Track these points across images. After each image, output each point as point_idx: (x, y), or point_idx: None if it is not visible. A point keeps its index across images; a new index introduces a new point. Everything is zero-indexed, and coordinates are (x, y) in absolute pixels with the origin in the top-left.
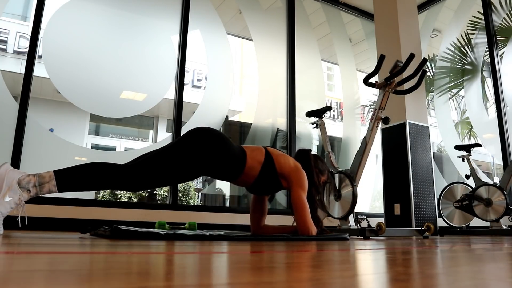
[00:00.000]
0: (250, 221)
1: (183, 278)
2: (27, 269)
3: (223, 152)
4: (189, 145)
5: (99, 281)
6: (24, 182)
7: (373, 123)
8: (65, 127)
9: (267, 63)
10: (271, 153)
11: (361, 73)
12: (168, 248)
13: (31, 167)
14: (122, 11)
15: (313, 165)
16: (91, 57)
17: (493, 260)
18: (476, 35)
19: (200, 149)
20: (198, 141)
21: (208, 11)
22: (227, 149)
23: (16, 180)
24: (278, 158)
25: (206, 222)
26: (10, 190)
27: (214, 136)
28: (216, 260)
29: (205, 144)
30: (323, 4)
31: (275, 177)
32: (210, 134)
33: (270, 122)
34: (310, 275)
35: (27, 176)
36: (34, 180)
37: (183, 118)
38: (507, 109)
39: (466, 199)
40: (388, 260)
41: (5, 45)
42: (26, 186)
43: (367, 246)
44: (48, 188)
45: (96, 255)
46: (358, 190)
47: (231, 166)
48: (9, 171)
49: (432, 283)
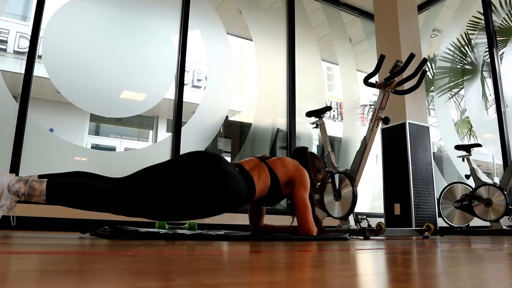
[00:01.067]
0: (249, 224)
1: (183, 278)
2: (26, 269)
3: (234, 203)
4: (197, 196)
5: (99, 281)
6: (14, 188)
7: (373, 123)
8: (65, 127)
9: (267, 63)
10: (274, 169)
11: (361, 73)
12: (168, 248)
13: (31, 167)
14: (122, 11)
15: (310, 164)
16: (91, 57)
17: (493, 260)
18: (476, 35)
19: (211, 204)
20: (208, 196)
21: (208, 11)
22: (236, 199)
23: (6, 186)
24: (279, 169)
25: (206, 222)
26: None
27: (223, 188)
28: (215, 260)
29: (216, 200)
30: (323, 4)
31: (279, 193)
32: (224, 194)
33: (270, 122)
34: (310, 275)
35: (16, 182)
36: (24, 189)
37: (183, 118)
38: (507, 109)
39: (466, 199)
40: (388, 260)
41: (5, 45)
42: (15, 193)
43: (367, 246)
44: (37, 200)
45: (96, 255)
46: (358, 190)
47: (241, 205)
48: None
49: (432, 283)
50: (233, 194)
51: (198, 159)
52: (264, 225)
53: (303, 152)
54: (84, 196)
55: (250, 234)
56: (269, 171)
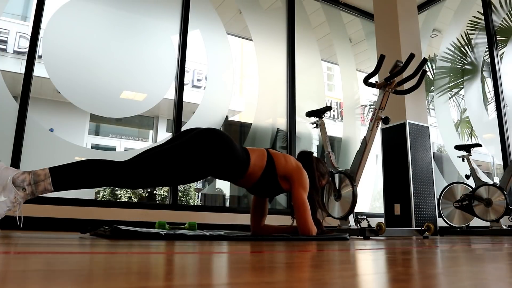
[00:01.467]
0: (250, 221)
1: (183, 278)
2: (26, 269)
3: (228, 156)
4: (195, 147)
5: (99, 281)
6: (19, 180)
7: (373, 123)
8: (65, 127)
9: (267, 63)
10: (273, 156)
11: (361, 73)
12: (168, 248)
13: (31, 167)
14: (122, 11)
15: (315, 168)
16: (91, 57)
17: (493, 260)
18: (476, 35)
19: (206, 152)
20: (205, 144)
21: (208, 11)
22: (232, 153)
23: (10, 179)
24: (280, 160)
25: (206, 222)
26: (5, 189)
27: (221, 138)
28: (216, 260)
29: (212, 147)
30: (323, 4)
31: (275, 182)
32: (217, 136)
33: (270, 122)
34: (311, 275)
35: (21, 174)
36: (29, 178)
37: (183, 118)
38: (507, 109)
39: (466, 199)
40: (388, 260)
41: (5, 45)
42: (21, 185)
43: (367, 246)
44: (44, 187)
45: (96, 255)
46: (358, 190)
47: (233, 170)
48: (2, 169)
49: (432, 283)
50: (231, 144)
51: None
52: (264, 225)
53: (308, 156)
54: (88, 171)
55: (251, 234)
56: (267, 157)
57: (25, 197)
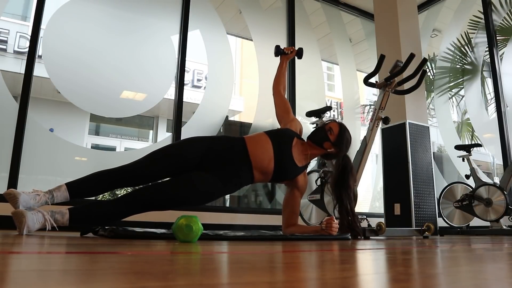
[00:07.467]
0: (282, 217)
1: (183, 278)
2: (26, 269)
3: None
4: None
5: (99, 281)
6: (35, 228)
7: (373, 123)
8: (65, 127)
9: (267, 63)
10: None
11: (361, 73)
12: (168, 248)
13: (31, 167)
14: (122, 11)
15: (352, 172)
16: (91, 57)
17: (493, 260)
18: (476, 35)
19: (208, 191)
20: (202, 188)
21: (208, 11)
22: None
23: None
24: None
25: (207, 222)
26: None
27: (211, 182)
28: (216, 260)
29: (208, 188)
30: (323, 4)
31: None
32: (205, 182)
33: (270, 122)
34: (311, 275)
35: (37, 222)
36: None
37: (183, 118)
38: (507, 109)
39: (466, 199)
40: (388, 260)
41: (5, 45)
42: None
43: (367, 246)
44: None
45: (96, 255)
46: (358, 190)
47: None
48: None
49: (432, 283)
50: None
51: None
52: (297, 225)
53: (349, 161)
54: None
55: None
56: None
57: None
